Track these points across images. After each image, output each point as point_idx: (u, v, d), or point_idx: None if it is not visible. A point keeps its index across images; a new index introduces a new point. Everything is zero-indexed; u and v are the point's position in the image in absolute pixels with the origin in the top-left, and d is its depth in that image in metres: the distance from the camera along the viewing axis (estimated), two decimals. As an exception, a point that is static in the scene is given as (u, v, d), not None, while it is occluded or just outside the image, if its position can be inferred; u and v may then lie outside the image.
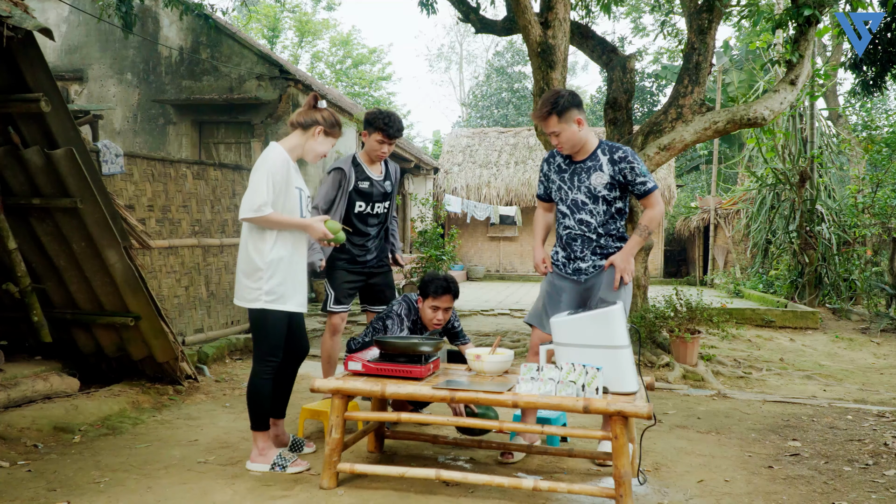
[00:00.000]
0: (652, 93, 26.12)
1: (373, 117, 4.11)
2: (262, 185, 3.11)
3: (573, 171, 3.44)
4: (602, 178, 3.36)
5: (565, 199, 3.48)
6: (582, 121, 3.35)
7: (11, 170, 4.16)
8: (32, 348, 4.78)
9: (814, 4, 5.76)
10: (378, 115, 4.10)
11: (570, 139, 3.35)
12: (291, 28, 28.93)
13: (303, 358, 3.50)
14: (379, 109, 4.18)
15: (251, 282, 3.21)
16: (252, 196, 3.11)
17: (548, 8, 6.01)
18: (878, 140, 11.03)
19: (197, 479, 3.13)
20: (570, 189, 3.44)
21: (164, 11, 10.31)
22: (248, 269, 3.22)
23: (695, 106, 6.40)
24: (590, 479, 3.23)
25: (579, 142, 3.38)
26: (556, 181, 3.51)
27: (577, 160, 3.44)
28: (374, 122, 4.09)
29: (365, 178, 4.20)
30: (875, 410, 4.81)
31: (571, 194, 3.44)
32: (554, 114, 3.30)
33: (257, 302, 3.20)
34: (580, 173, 3.41)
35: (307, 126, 3.32)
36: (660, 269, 18.53)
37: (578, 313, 3.10)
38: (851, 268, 11.12)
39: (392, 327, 3.63)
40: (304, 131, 3.32)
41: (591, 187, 3.38)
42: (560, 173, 3.50)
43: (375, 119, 4.09)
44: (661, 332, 6.43)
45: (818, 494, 3.10)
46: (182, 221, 6.01)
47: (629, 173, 3.35)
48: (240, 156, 10.51)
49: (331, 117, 3.36)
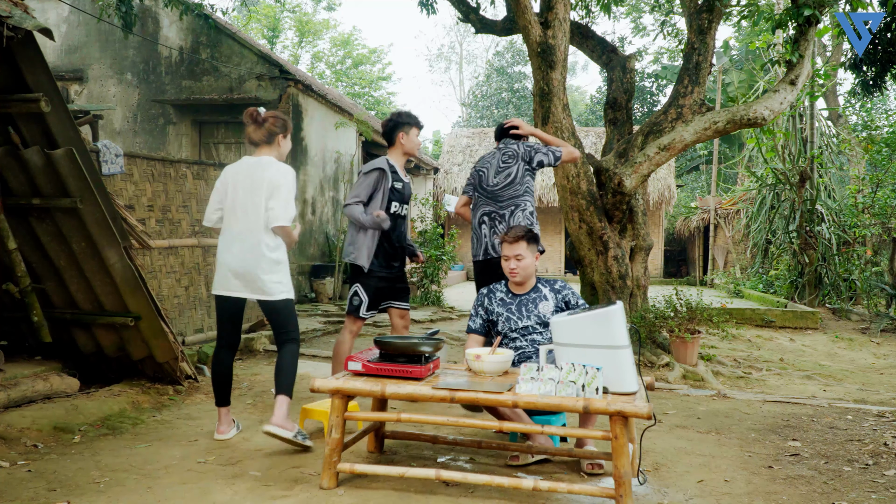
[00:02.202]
0: (652, 93, 26.13)
1: (405, 116, 4.30)
2: (291, 200, 3.64)
3: (519, 303, 3.69)
4: (548, 305, 3.67)
5: (514, 327, 3.69)
6: (538, 256, 3.74)
7: (11, 170, 4.16)
8: (32, 348, 4.78)
9: (814, 4, 5.77)
10: (406, 113, 4.32)
11: (526, 268, 3.64)
12: (291, 28, 28.94)
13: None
14: (399, 111, 4.35)
15: (273, 276, 3.61)
16: (287, 209, 3.59)
17: (548, 8, 6.01)
18: (878, 140, 11.03)
19: (197, 479, 3.13)
20: (520, 318, 3.68)
21: (164, 11, 10.30)
22: (268, 266, 3.60)
23: (695, 106, 6.40)
24: (589, 479, 3.23)
25: (531, 274, 3.70)
26: (502, 313, 3.71)
27: (520, 293, 3.72)
28: (409, 119, 4.30)
29: (398, 179, 4.29)
30: (875, 410, 4.81)
31: (521, 323, 3.67)
32: (524, 240, 3.62)
33: (283, 294, 3.66)
34: (527, 304, 3.68)
35: (271, 139, 3.70)
36: (660, 269, 18.54)
37: (578, 313, 3.11)
38: (851, 268, 11.12)
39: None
40: (271, 144, 3.71)
41: (539, 314, 3.65)
42: (505, 305, 3.72)
43: (408, 117, 4.30)
44: (661, 332, 6.43)
45: (818, 494, 3.10)
46: (182, 221, 6.01)
47: (571, 297, 3.70)
48: (240, 156, 10.49)
49: (278, 121, 3.72)
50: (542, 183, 17.64)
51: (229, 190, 3.67)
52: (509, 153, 4.43)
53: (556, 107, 5.99)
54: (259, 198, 3.57)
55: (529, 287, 3.72)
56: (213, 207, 3.73)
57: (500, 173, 4.40)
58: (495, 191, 4.40)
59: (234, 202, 3.64)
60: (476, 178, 4.52)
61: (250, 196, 3.59)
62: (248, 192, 3.59)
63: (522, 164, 4.39)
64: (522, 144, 4.47)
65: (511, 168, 4.39)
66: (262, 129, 3.67)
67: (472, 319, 3.79)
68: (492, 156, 4.52)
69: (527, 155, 4.40)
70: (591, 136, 19.01)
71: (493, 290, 3.79)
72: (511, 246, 3.63)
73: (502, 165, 4.41)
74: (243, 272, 3.59)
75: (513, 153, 4.42)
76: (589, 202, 6.13)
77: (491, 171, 4.43)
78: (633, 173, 6.08)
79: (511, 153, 4.42)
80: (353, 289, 4.28)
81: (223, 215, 3.71)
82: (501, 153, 4.47)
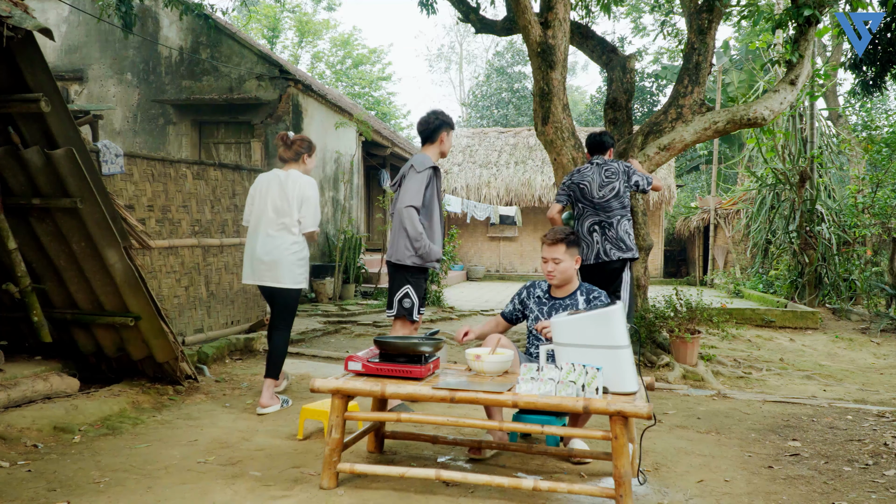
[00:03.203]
0: (652, 93, 26.13)
1: (447, 116, 4.38)
2: (318, 208, 4.45)
3: (552, 307, 3.65)
4: None
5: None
6: (580, 260, 3.67)
7: (11, 170, 4.16)
8: (32, 348, 4.78)
9: (814, 4, 5.77)
10: (447, 114, 4.40)
11: (565, 271, 3.60)
12: (291, 28, 28.95)
13: None
14: (440, 110, 4.44)
15: (299, 269, 4.40)
16: (315, 217, 4.42)
17: (548, 8, 6.01)
18: (878, 140, 11.03)
19: (197, 479, 3.13)
20: None
21: (164, 11, 10.31)
22: (297, 259, 4.39)
23: (695, 106, 6.40)
24: (589, 479, 3.23)
25: (570, 278, 3.64)
26: (534, 310, 3.70)
27: (557, 297, 3.67)
28: (450, 120, 4.35)
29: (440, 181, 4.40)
30: (875, 410, 4.81)
31: None
32: (564, 243, 3.57)
33: (303, 283, 4.44)
34: (559, 309, 3.61)
35: (298, 157, 4.47)
36: (660, 269, 18.54)
37: (578, 313, 3.11)
38: (851, 268, 11.12)
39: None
40: (297, 161, 4.47)
41: None
42: (539, 305, 3.70)
43: (449, 118, 4.37)
44: (661, 332, 6.43)
45: (818, 494, 3.10)
46: (182, 221, 6.01)
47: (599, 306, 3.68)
48: (240, 156, 10.51)
49: (304, 143, 4.50)
50: (541, 183, 17.64)
51: (259, 195, 4.44)
52: (611, 170, 5.05)
53: (556, 107, 5.99)
54: (289, 205, 4.35)
55: (568, 293, 3.66)
56: (249, 210, 4.55)
57: (604, 187, 5.02)
58: (602, 203, 5.02)
59: (265, 205, 4.39)
60: (577, 191, 5.12)
61: (281, 202, 4.35)
62: (280, 198, 4.36)
63: (624, 179, 5.02)
64: (622, 163, 5.09)
65: (614, 183, 5.01)
66: (291, 149, 4.47)
67: (507, 305, 3.82)
68: (590, 170, 5.10)
69: (625, 174, 5.05)
70: (591, 136, 18.99)
71: (537, 286, 3.77)
72: (550, 248, 3.59)
73: (606, 180, 5.02)
74: (264, 261, 4.34)
75: (615, 170, 5.04)
76: (589, 202, 6.13)
77: (594, 186, 5.04)
78: (634, 173, 6.08)
79: (613, 170, 5.04)
80: (402, 291, 4.16)
81: (253, 216, 4.47)
82: (602, 169, 5.07)
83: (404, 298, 4.14)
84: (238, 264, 6.79)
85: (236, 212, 6.74)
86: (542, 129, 6.06)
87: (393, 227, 4.23)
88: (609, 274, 4.98)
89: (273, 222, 4.34)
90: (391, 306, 4.21)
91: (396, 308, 4.17)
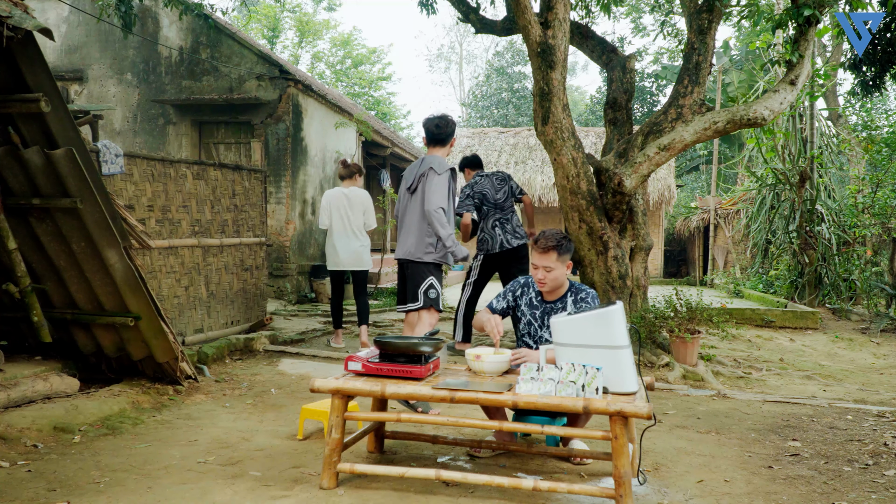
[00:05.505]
0: (652, 93, 26.13)
1: (454, 121, 4.72)
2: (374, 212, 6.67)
3: (544, 310, 3.64)
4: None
5: (534, 334, 3.66)
6: (570, 266, 3.63)
7: (11, 170, 4.16)
8: (32, 348, 4.78)
9: (814, 4, 5.76)
10: (452, 118, 4.72)
11: (556, 279, 3.54)
12: (291, 28, 28.94)
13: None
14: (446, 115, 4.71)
15: (365, 255, 6.58)
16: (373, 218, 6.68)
17: (548, 8, 6.00)
18: (877, 140, 11.03)
19: (197, 479, 3.13)
20: (540, 327, 3.64)
21: (164, 11, 10.30)
22: (367, 247, 6.61)
23: (695, 106, 6.40)
24: (589, 479, 3.23)
25: (561, 285, 3.61)
26: (526, 314, 3.68)
27: (548, 300, 3.65)
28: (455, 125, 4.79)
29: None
30: (875, 410, 4.81)
31: (540, 332, 3.64)
32: (556, 251, 3.49)
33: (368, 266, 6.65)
34: (550, 313, 3.60)
35: (352, 176, 6.65)
36: (660, 269, 18.53)
37: (578, 313, 3.11)
38: (851, 268, 11.11)
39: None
40: (351, 178, 6.65)
41: None
42: (532, 308, 3.68)
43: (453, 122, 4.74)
44: (661, 332, 6.43)
45: (818, 494, 3.10)
46: (182, 221, 6.01)
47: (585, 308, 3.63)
48: (240, 156, 10.51)
49: (357, 166, 6.70)
50: (541, 183, 17.64)
51: (334, 207, 6.50)
52: (498, 178, 6.48)
53: (556, 107, 5.99)
54: (356, 213, 6.52)
55: (559, 295, 3.61)
56: (324, 217, 6.56)
57: (499, 191, 6.41)
58: (501, 203, 6.39)
59: (341, 215, 6.49)
60: (481, 198, 6.40)
61: (351, 210, 6.51)
62: (349, 208, 6.51)
63: (508, 184, 6.47)
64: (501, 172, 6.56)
65: (505, 187, 6.44)
66: (348, 170, 6.63)
67: (498, 300, 3.74)
68: (483, 181, 6.45)
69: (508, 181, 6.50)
70: (591, 136, 18.99)
71: (529, 286, 3.70)
72: (542, 256, 3.48)
73: (498, 185, 6.43)
74: (349, 254, 6.50)
75: (501, 178, 6.48)
76: (589, 202, 6.13)
77: (492, 191, 6.39)
78: (633, 173, 6.08)
79: (500, 178, 6.48)
80: (427, 282, 4.41)
81: (332, 222, 6.51)
82: (492, 179, 6.46)
83: (429, 289, 4.35)
84: (238, 264, 6.80)
85: (236, 212, 6.74)
86: (542, 129, 6.06)
87: (407, 225, 4.41)
88: (512, 257, 6.29)
89: (349, 226, 6.49)
90: (415, 299, 4.44)
91: (423, 299, 4.40)
